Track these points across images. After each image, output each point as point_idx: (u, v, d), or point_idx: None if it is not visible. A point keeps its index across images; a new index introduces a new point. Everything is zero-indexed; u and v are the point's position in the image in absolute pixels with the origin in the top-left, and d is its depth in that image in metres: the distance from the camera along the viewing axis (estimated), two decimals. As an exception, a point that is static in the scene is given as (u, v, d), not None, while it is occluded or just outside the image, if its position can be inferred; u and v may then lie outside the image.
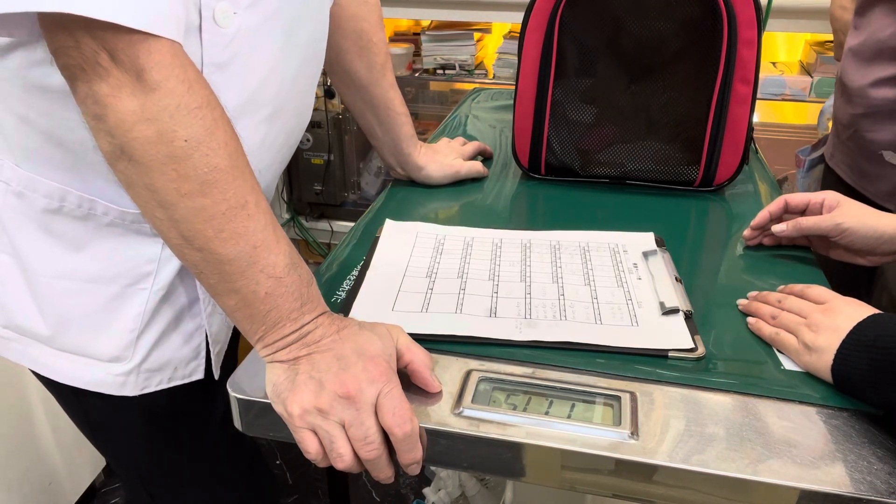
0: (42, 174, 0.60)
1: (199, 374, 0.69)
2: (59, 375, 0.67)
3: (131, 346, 0.64)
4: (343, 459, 0.50)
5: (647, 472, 0.49)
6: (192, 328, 0.67)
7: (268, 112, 0.63)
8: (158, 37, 0.46)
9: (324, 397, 0.49)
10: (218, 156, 0.48)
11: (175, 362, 0.67)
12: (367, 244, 0.76)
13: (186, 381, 0.68)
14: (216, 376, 0.71)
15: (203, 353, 0.69)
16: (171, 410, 0.72)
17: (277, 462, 1.75)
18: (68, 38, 0.45)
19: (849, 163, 1.26)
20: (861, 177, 1.23)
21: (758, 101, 0.92)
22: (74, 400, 0.71)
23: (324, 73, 0.91)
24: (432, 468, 1.33)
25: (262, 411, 0.55)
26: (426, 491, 1.32)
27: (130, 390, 0.66)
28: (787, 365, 0.57)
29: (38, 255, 0.63)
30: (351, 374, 0.50)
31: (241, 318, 0.52)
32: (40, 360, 0.67)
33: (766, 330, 0.60)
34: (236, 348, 0.90)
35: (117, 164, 0.48)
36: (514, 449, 0.51)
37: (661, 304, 0.64)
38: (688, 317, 0.62)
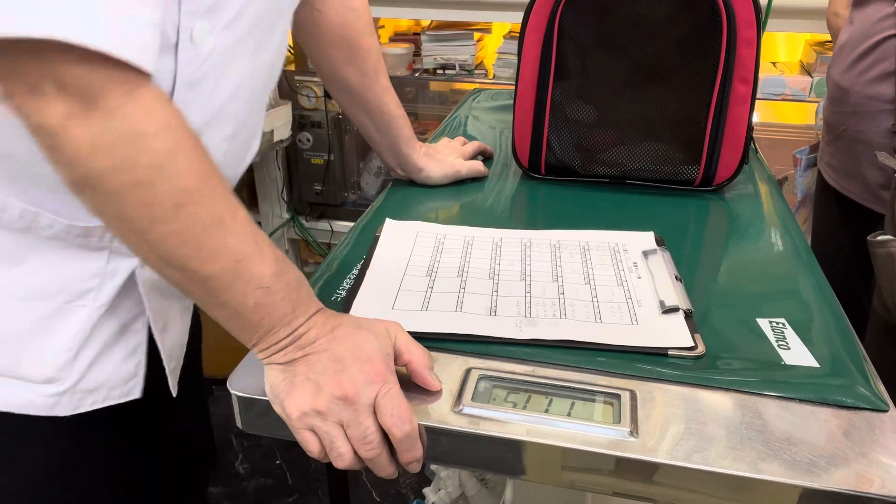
0: None
1: (137, 394, 0.65)
2: None
3: (68, 366, 0.60)
4: (343, 459, 0.50)
5: (647, 469, 0.49)
6: (133, 345, 0.64)
7: (231, 129, 0.61)
8: (113, 59, 0.42)
9: (321, 399, 0.49)
10: (184, 177, 0.46)
11: (112, 381, 0.63)
12: (366, 243, 0.76)
13: (123, 400, 0.64)
14: (174, 393, 0.68)
15: (142, 372, 0.64)
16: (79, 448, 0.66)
17: (277, 462, 1.75)
18: (5, 63, 0.40)
19: (833, 164, 1.27)
20: (844, 177, 1.24)
21: (758, 101, 0.92)
22: None
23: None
24: (432, 468, 1.33)
25: (262, 410, 0.55)
26: (426, 491, 1.32)
27: (63, 410, 0.61)
28: (788, 360, 0.57)
29: None
30: (348, 376, 0.50)
31: (235, 327, 0.52)
32: None
33: None
34: (199, 361, 0.88)
35: (81, 194, 0.46)
36: (514, 447, 0.51)
37: (661, 303, 0.64)
38: (688, 315, 0.62)
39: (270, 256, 0.51)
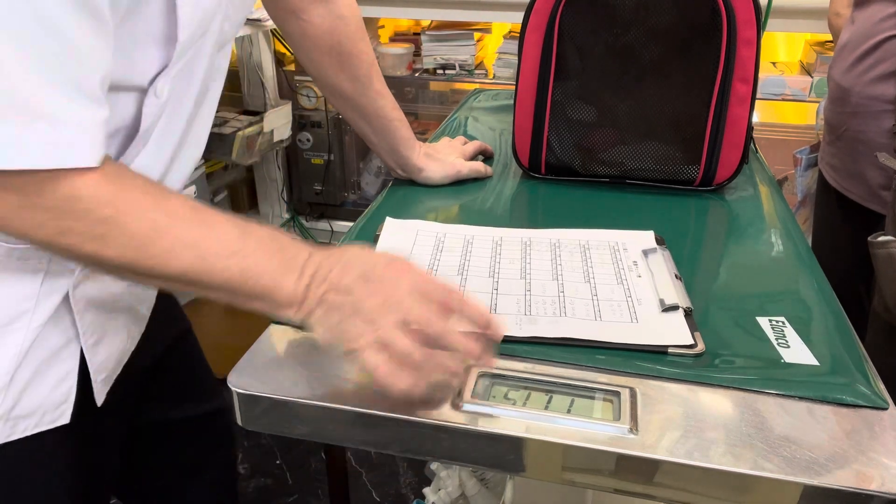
0: None
1: (66, 419, 0.63)
2: None
3: (3, 392, 0.58)
4: (407, 353, 0.49)
5: (646, 467, 0.49)
6: (66, 369, 0.63)
7: (170, 152, 0.62)
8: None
9: (366, 315, 0.50)
10: (96, 212, 0.48)
11: (45, 406, 0.62)
12: (366, 242, 0.76)
13: (52, 426, 0.63)
14: (99, 403, 0.67)
15: (72, 398, 0.63)
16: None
17: (277, 462, 1.75)
18: None
19: (834, 164, 1.27)
20: (845, 178, 1.24)
21: (758, 101, 0.92)
22: None
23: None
24: (432, 468, 1.33)
25: (263, 406, 0.55)
26: (426, 491, 1.32)
27: None
28: (788, 358, 0.57)
29: None
30: (377, 284, 0.51)
31: (245, 303, 0.52)
32: None
33: None
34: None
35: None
36: (514, 443, 0.51)
37: (661, 301, 0.64)
38: (687, 314, 0.62)
39: (225, 225, 0.51)
